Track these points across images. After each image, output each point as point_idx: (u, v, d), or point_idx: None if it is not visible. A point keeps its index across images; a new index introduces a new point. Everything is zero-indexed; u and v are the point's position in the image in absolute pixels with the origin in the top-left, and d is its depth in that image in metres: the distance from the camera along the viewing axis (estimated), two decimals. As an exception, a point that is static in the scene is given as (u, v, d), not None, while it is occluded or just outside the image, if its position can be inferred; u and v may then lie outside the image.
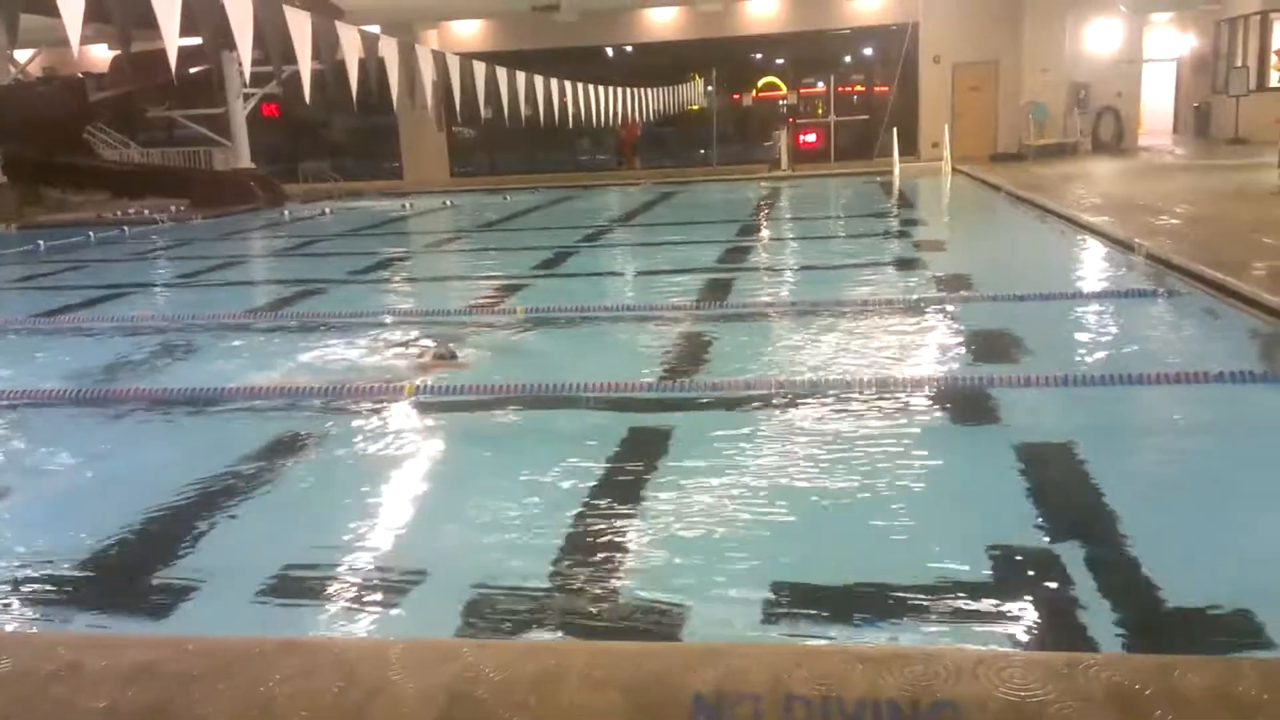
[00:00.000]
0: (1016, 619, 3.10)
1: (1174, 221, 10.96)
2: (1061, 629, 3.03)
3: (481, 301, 8.96)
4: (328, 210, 19.29)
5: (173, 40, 5.09)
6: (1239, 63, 22.78)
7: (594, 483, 4.39)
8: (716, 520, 3.94)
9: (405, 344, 7.17)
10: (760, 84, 25.64)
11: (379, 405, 5.71)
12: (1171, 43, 26.49)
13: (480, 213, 18.02)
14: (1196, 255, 8.48)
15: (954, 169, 19.89)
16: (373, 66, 7.52)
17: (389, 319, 8.23)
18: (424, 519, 4.20)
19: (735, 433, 4.99)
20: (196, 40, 6.33)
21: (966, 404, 5.33)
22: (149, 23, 5.18)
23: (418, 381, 6.07)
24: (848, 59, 25.30)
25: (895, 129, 21.72)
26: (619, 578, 3.49)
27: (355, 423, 5.45)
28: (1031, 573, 3.40)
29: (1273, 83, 19.51)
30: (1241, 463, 4.43)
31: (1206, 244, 9.21)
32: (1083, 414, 5.16)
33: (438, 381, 6.09)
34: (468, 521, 4.06)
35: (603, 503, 4.17)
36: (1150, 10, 22.90)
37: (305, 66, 6.39)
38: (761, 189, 20.38)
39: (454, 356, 6.63)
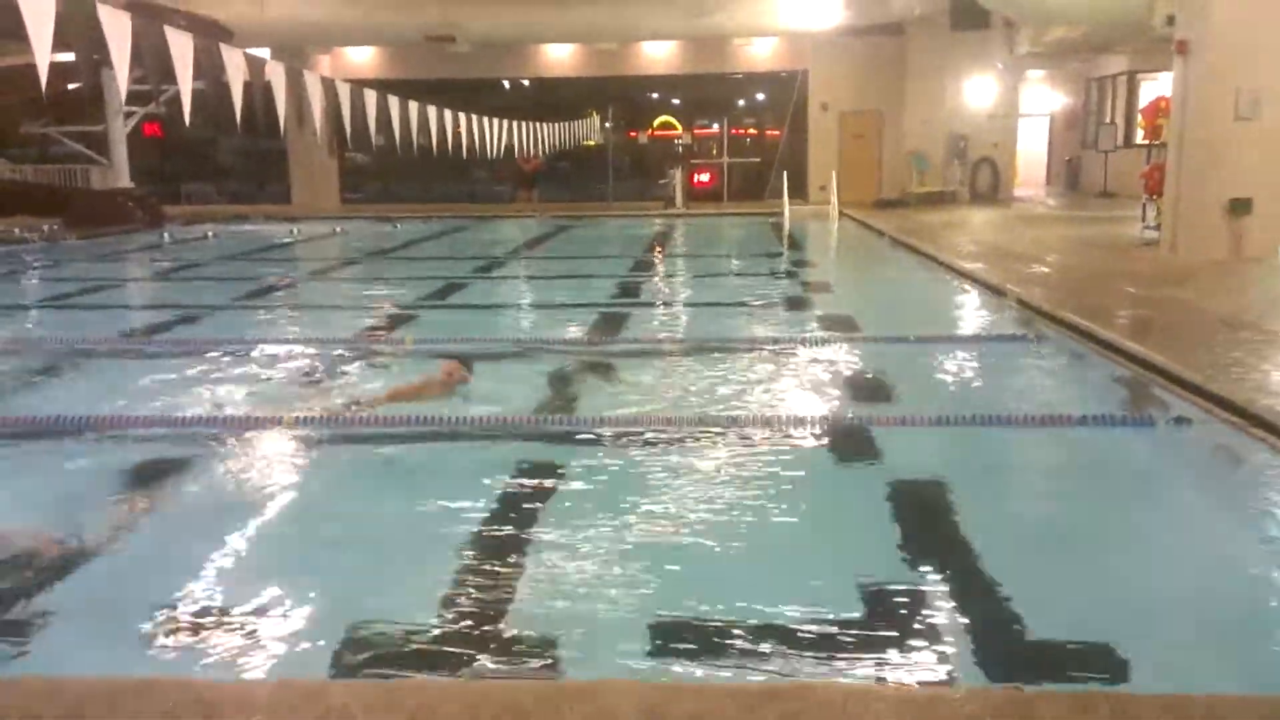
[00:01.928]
0: (884, 654, 3.17)
1: (1044, 269, 11.47)
2: (926, 663, 3.11)
3: (369, 331, 8.82)
4: (210, 234, 18.76)
5: (44, 55, 4.90)
6: (1107, 119, 24.07)
7: (473, 517, 4.34)
8: (594, 556, 3.93)
9: (312, 374, 7.03)
10: (656, 123, 26.02)
11: (254, 436, 5.55)
12: (1045, 99, 27.91)
13: (372, 241, 17.78)
14: (1064, 302, 8.87)
15: (841, 213, 20.45)
16: (259, 90, 7.37)
17: (270, 346, 8.02)
18: (295, 556, 4.08)
19: (620, 467, 5.00)
20: (71, 56, 6.11)
21: (847, 441, 5.45)
22: (21, 35, 4.99)
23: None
24: (741, 102, 25.90)
25: (785, 172, 22.23)
26: (492, 614, 3.45)
27: (227, 454, 5.30)
28: (900, 608, 3.49)
29: (1138, 139, 20.72)
30: (1102, 502, 4.62)
31: (1074, 291, 9.66)
32: (954, 452, 5.33)
33: (317, 410, 5.96)
34: (342, 559, 3.97)
35: (479, 538, 4.12)
36: (1024, 67, 24.05)
37: (186, 88, 6.21)
38: (656, 225, 20.57)
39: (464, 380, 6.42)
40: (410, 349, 7.91)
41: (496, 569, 3.81)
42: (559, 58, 24.98)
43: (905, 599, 3.53)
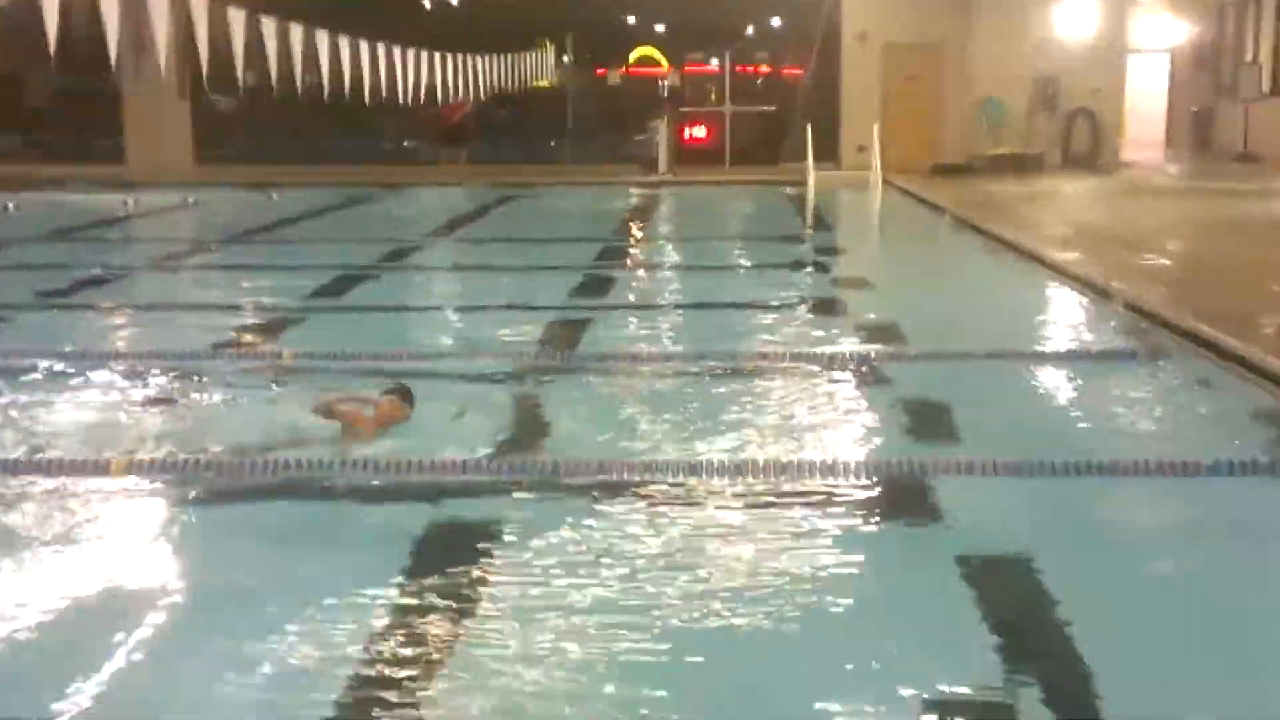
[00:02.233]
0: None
1: (1163, 262, 11.57)
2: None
3: (232, 341, 8.80)
4: (9, 205, 18.62)
5: None
6: (1249, 57, 24.24)
7: (383, 602, 4.30)
8: (548, 655, 3.89)
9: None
10: (633, 58, 26.14)
11: (66, 485, 5.51)
12: (1165, 30, 27.98)
13: (238, 217, 17.71)
14: (1189, 307, 8.94)
15: (885, 182, 20.56)
16: (82, 9, 7.32)
17: (91, 363, 7.96)
18: (162, 645, 4.04)
19: (581, 532, 4.98)
20: None
21: (896, 498, 5.45)
22: None
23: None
24: (749, 30, 25.98)
25: (810, 126, 22.32)
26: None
27: (57, 507, 5.27)
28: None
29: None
30: (1244, 579, 4.64)
31: (1203, 292, 9.75)
32: (1040, 514, 5.33)
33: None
34: (220, 651, 3.95)
35: (391, 630, 4.08)
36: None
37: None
38: (631, 198, 20.63)
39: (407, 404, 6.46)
40: (290, 366, 7.88)
41: (415, 673, 3.78)
42: (499, -33, 25.13)
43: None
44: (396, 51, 13.50)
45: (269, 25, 10.23)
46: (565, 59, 25.13)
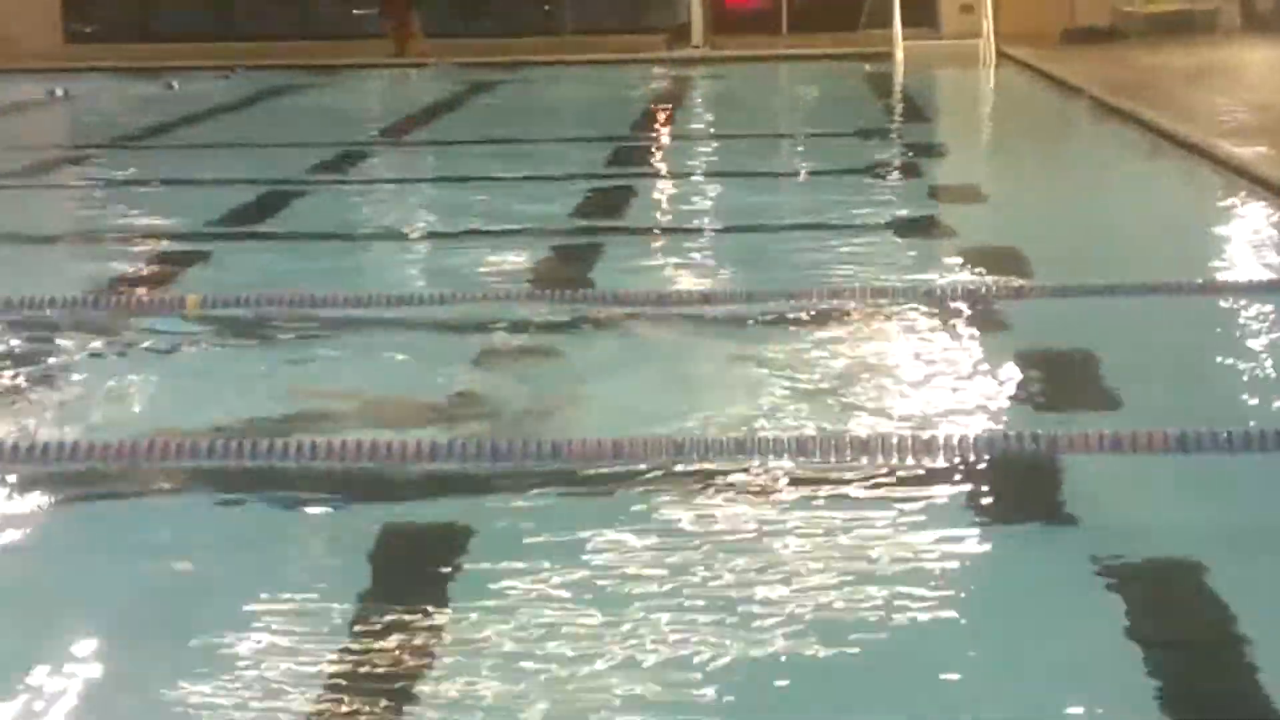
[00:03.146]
0: None
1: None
2: None
3: (119, 284, 8.86)
4: None
5: None
6: None
7: (325, 629, 4.34)
8: (551, 695, 3.92)
9: None
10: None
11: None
12: None
13: (124, 114, 17.83)
14: None
15: (1001, 54, 20.49)
16: None
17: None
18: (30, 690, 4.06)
19: (591, 534, 4.97)
20: None
21: (1018, 483, 5.50)
22: None
23: None
24: None
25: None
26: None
27: None
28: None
29: None
30: None
31: None
32: (1214, 505, 5.32)
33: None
34: (110, 694, 3.98)
35: (340, 667, 4.10)
36: None
37: None
38: (655, 82, 20.60)
39: None
40: (196, 316, 7.93)
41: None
42: None
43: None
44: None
45: None
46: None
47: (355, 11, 25.95)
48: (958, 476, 5.53)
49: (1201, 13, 22.87)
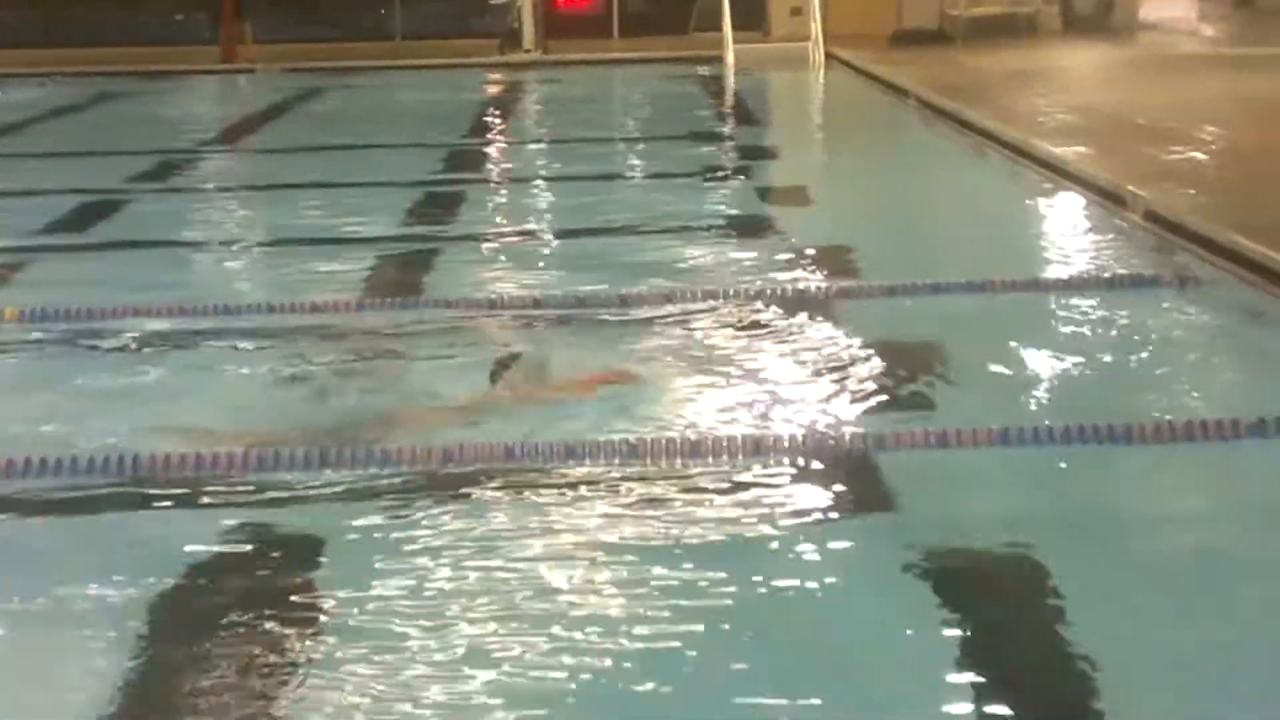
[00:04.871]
0: None
1: (1195, 155, 11.74)
2: None
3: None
4: None
5: None
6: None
7: (150, 652, 4.26)
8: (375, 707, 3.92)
9: None
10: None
11: None
12: None
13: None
14: (1229, 216, 9.08)
15: (830, 56, 20.71)
16: None
17: None
18: None
19: (421, 540, 4.98)
20: None
21: (845, 481, 5.53)
22: None
23: None
24: None
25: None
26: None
27: None
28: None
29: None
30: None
31: (1248, 196, 9.92)
32: (1038, 494, 5.45)
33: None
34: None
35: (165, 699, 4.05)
36: None
37: None
38: (487, 87, 20.52)
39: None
40: (10, 324, 7.83)
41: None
42: None
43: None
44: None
45: None
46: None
47: (180, 17, 25.58)
48: (786, 476, 5.59)
49: (1024, 15, 23.30)
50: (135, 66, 22.36)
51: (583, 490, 5.45)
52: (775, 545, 5.00)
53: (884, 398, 6.52)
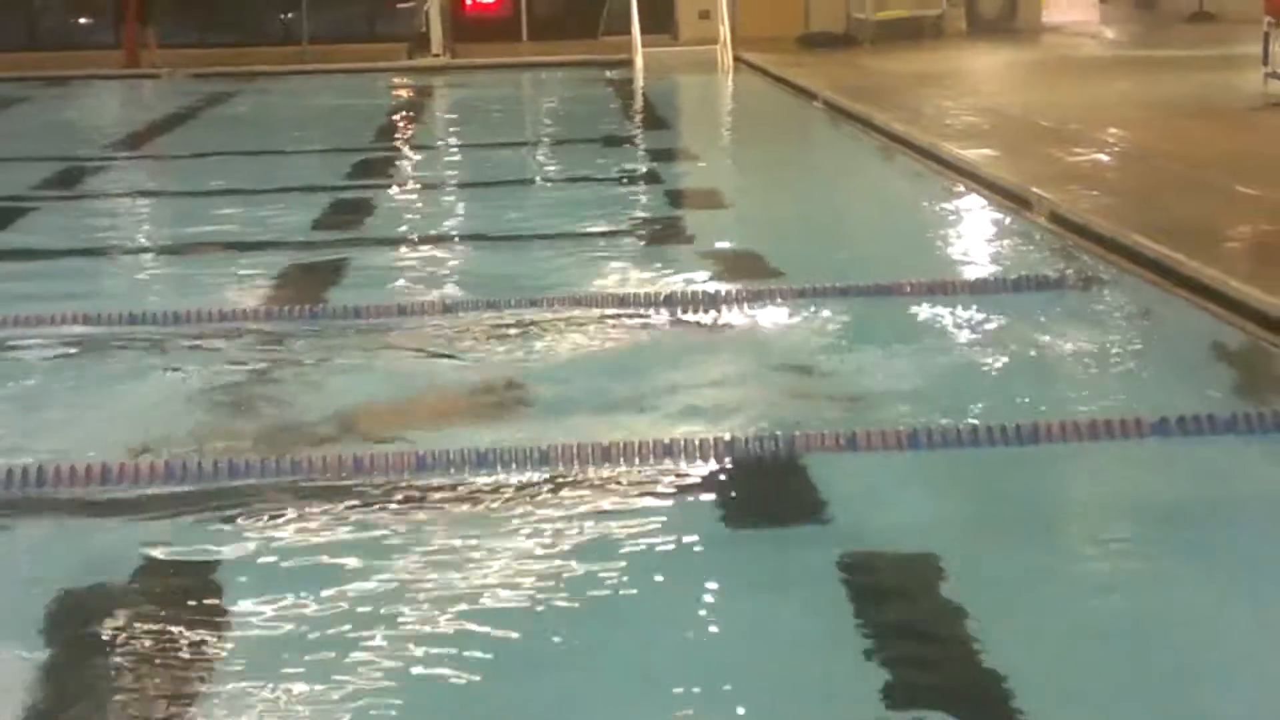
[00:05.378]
0: None
1: (1099, 157, 11.87)
2: None
3: None
4: None
5: None
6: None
7: (41, 660, 4.24)
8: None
9: None
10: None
11: None
12: None
13: None
14: (1131, 217, 9.22)
15: (738, 60, 20.73)
16: None
17: None
18: None
19: (330, 549, 4.98)
20: None
21: (758, 483, 5.61)
22: None
23: None
24: None
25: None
26: None
27: None
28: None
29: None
30: (1199, 564, 4.83)
31: (1149, 198, 10.05)
32: (947, 494, 5.54)
33: None
34: None
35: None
36: None
37: None
38: (395, 92, 20.43)
39: None
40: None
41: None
42: None
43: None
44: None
45: None
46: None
47: (83, 21, 25.32)
48: (695, 479, 5.62)
49: (929, 19, 23.47)
50: (35, 72, 22.11)
51: (494, 498, 5.45)
52: (683, 548, 5.04)
53: (793, 401, 6.57)
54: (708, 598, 4.68)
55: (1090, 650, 4.22)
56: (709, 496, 5.53)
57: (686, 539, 5.11)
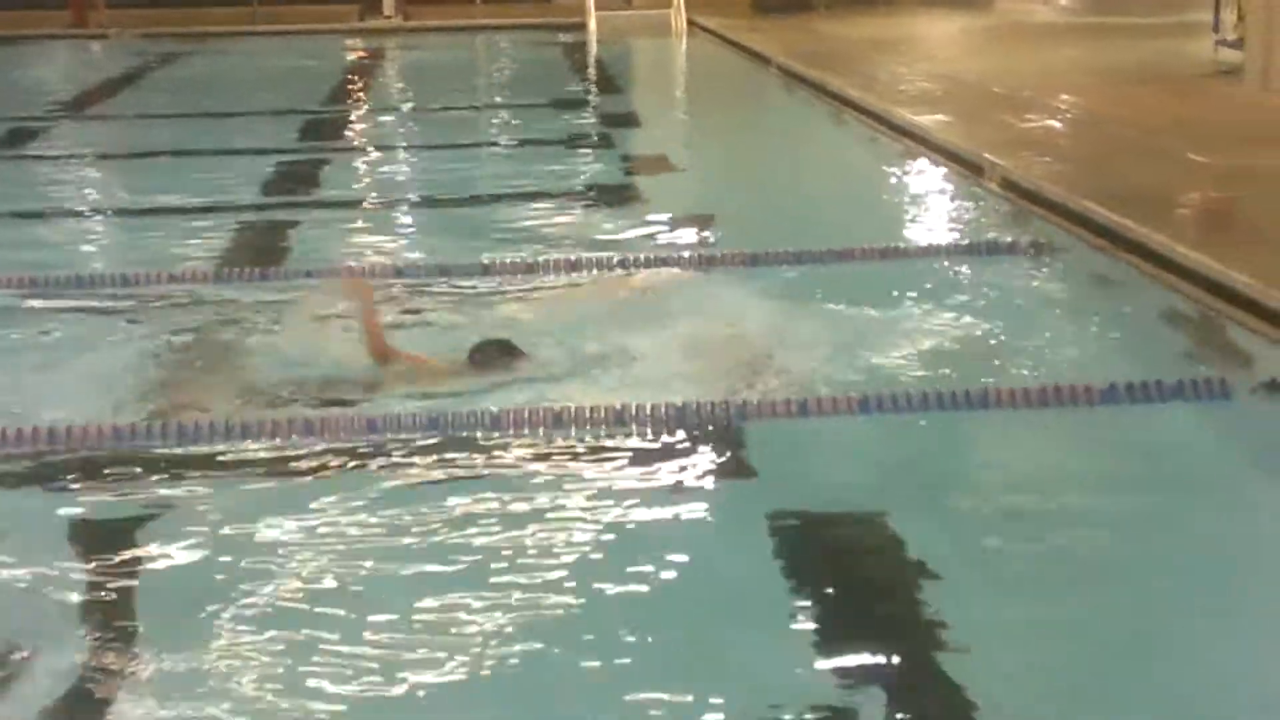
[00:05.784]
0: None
1: (1051, 124, 11.90)
2: None
3: None
4: None
5: None
6: None
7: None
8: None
9: None
10: None
11: None
12: None
13: None
14: (1083, 183, 9.26)
15: (692, 24, 20.73)
16: None
17: None
18: None
19: (269, 516, 4.99)
20: None
21: (707, 450, 5.63)
22: None
23: None
24: None
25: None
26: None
27: None
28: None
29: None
30: (1152, 537, 4.87)
31: (1101, 164, 10.10)
32: (896, 459, 5.57)
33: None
34: None
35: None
36: None
37: None
38: (348, 54, 20.35)
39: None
40: None
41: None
42: None
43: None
44: None
45: None
46: None
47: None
48: (648, 445, 5.65)
49: (885, -19, 23.43)
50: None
51: (445, 461, 5.48)
52: (637, 512, 5.05)
53: (745, 367, 6.57)
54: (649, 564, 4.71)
55: (1034, 611, 4.29)
56: (658, 464, 5.51)
57: (637, 500, 5.14)
